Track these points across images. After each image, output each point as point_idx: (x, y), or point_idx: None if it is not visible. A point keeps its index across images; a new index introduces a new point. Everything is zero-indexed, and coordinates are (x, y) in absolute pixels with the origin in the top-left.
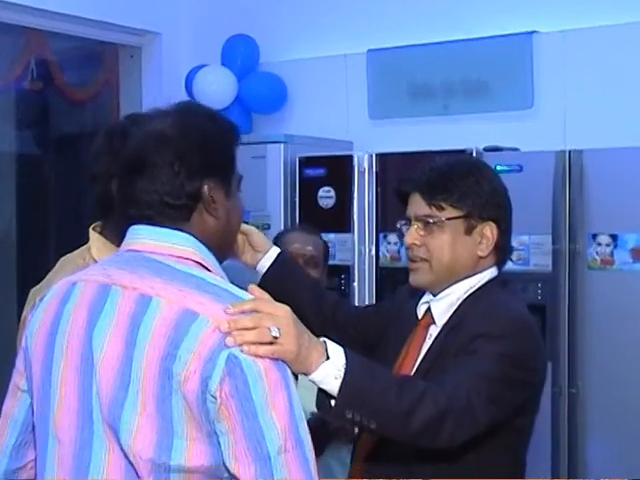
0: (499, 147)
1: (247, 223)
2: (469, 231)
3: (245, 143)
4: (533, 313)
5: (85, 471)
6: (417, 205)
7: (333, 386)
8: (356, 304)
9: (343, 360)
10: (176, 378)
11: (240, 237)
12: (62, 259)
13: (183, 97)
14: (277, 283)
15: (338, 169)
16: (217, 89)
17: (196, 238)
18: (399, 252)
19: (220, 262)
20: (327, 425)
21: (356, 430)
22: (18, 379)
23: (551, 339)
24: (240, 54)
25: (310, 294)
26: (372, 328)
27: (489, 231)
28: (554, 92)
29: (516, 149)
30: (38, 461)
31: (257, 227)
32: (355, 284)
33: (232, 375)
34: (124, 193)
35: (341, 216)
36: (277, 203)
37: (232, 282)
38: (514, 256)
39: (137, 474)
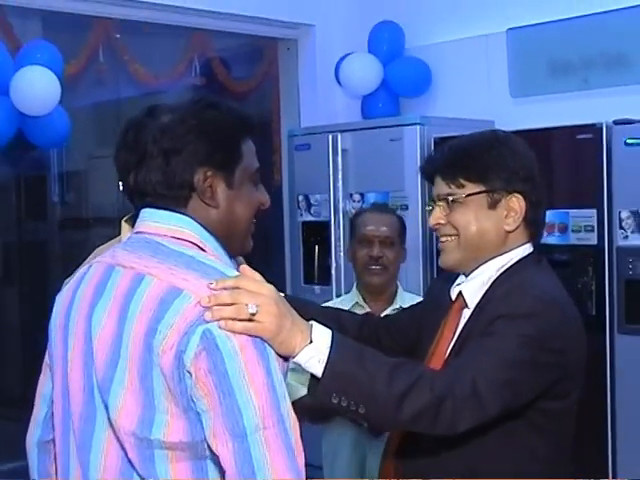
0: (630, 120)
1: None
2: (493, 205)
3: (382, 126)
4: None
5: (88, 445)
6: (439, 186)
7: (317, 370)
8: None
9: (328, 343)
10: (155, 351)
11: None
12: (95, 250)
13: (334, 84)
14: None
15: None
16: (363, 75)
17: (198, 223)
18: None
19: (234, 254)
20: None
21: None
22: (47, 357)
23: None
24: (386, 40)
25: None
26: (410, 329)
27: (516, 204)
28: None
29: None
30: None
31: (395, 207)
32: None
33: (208, 351)
34: (132, 183)
35: None
36: (414, 184)
37: None
38: None
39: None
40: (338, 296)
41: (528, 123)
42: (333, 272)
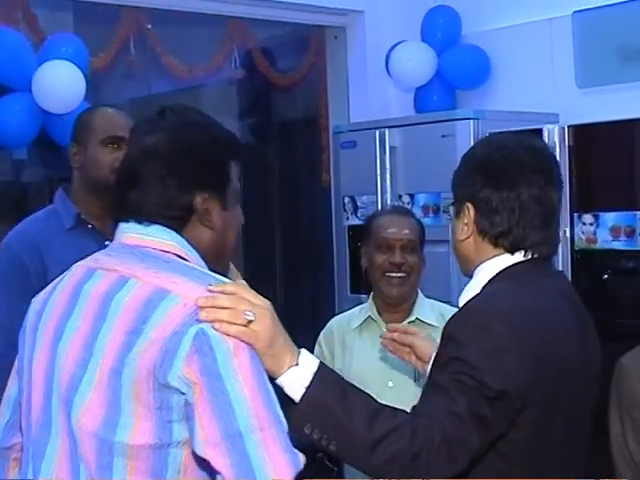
0: None
1: (435, 210)
2: (457, 214)
3: (432, 122)
4: None
5: (42, 453)
6: None
7: (297, 394)
8: None
9: (313, 370)
10: (135, 350)
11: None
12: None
13: (385, 76)
14: None
15: None
16: (415, 65)
17: (184, 238)
18: (595, 233)
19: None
20: None
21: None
22: (17, 361)
23: None
24: (440, 27)
25: None
26: None
27: (466, 210)
28: None
29: None
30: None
31: (446, 207)
32: None
33: (200, 353)
34: (118, 202)
35: None
36: None
37: None
38: None
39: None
40: None
41: (596, 116)
42: None
